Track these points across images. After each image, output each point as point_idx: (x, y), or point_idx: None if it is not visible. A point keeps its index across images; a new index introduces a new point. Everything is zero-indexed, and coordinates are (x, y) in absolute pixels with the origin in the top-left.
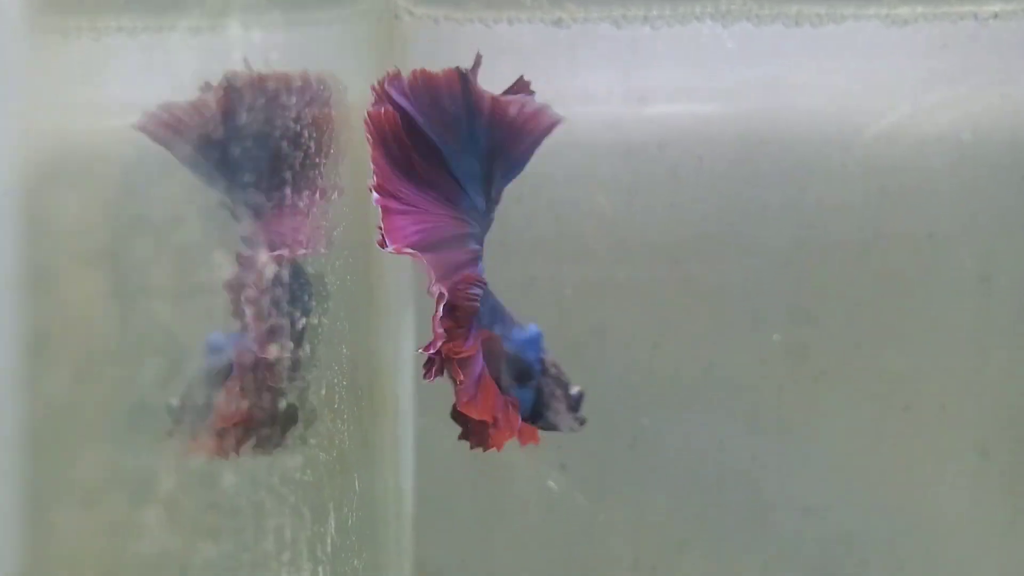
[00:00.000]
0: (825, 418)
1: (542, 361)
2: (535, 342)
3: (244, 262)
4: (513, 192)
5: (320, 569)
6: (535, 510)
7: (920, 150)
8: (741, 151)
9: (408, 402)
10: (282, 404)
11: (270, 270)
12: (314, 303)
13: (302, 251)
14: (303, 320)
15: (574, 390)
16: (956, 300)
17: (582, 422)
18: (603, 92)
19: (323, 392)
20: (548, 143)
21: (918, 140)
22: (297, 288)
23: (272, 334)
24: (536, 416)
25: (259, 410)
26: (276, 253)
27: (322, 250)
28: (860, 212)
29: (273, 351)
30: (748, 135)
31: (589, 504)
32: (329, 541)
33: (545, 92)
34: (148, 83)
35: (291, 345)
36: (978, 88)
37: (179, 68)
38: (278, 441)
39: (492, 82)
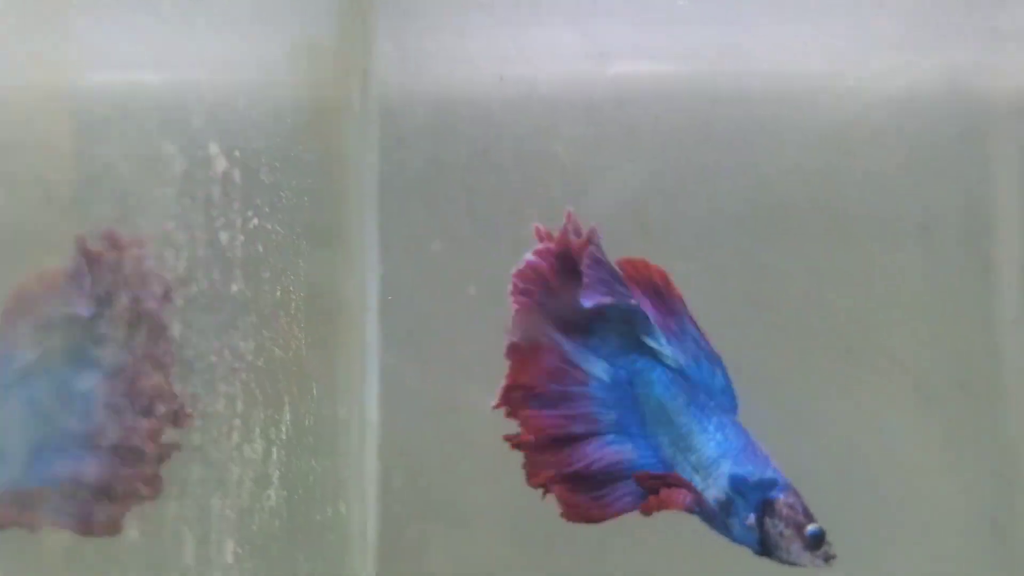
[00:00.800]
0: (773, 362)
1: (767, 503)
2: (760, 487)
3: None
4: (480, 144)
5: (274, 450)
6: (499, 444)
7: (867, 109)
8: (697, 110)
9: (374, 338)
10: None
11: None
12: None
13: None
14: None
15: (810, 529)
16: (899, 249)
17: (827, 558)
18: (565, 49)
19: (278, 294)
20: (514, 98)
21: (866, 100)
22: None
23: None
24: (766, 551)
25: None
26: None
27: None
28: (810, 169)
29: None
30: (704, 95)
31: None
32: (284, 430)
33: (508, 49)
34: None
35: None
36: (921, 49)
37: None
38: None
39: (460, 37)
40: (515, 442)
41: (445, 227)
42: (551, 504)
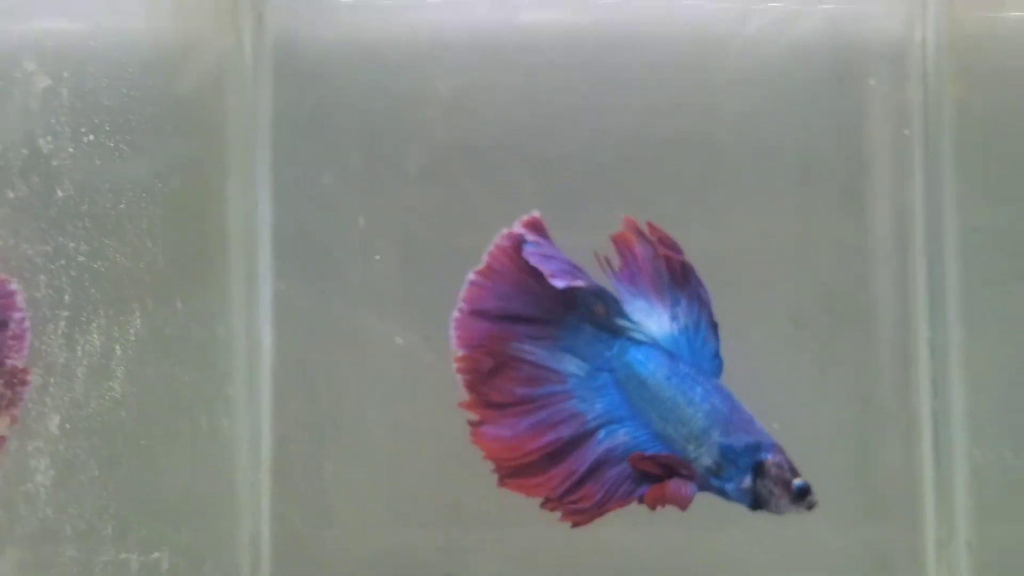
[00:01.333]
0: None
1: (757, 465)
2: (749, 451)
3: None
4: (372, 83)
5: (117, 348)
6: (392, 367)
7: (752, 56)
8: (590, 55)
9: (266, 266)
10: None
11: None
12: None
13: None
14: None
15: (796, 484)
16: (779, 188)
17: (810, 506)
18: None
19: (123, 206)
20: (407, 39)
21: (750, 47)
22: None
23: None
24: (758, 507)
25: None
26: None
27: None
28: (695, 111)
29: None
30: (598, 41)
31: (441, 360)
32: (132, 333)
33: None
34: None
35: None
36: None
37: None
38: None
39: None
40: (504, 471)
41: (336, 161)
42: (447, 424)
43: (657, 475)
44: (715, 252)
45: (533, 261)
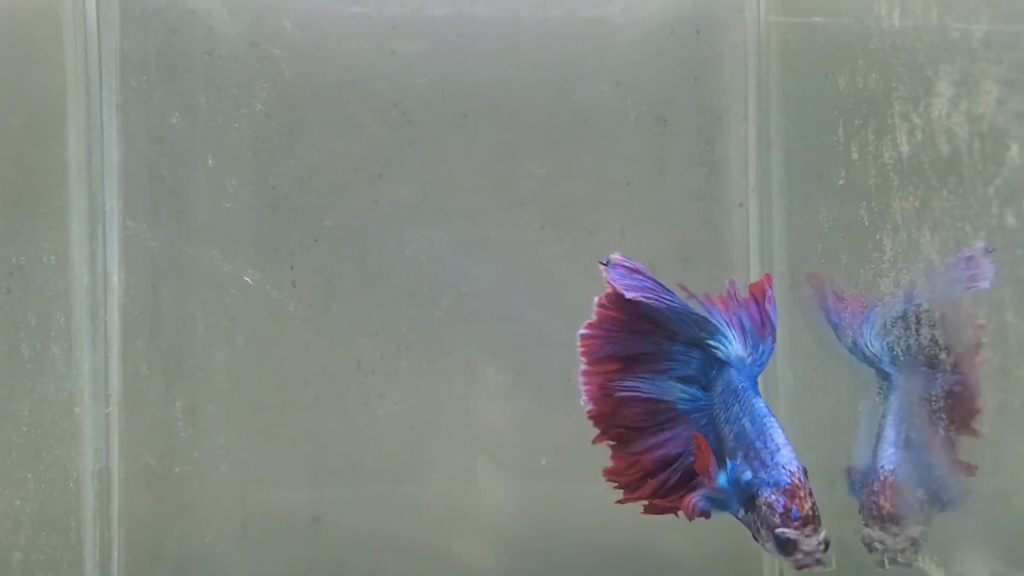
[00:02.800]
0: (524, 239)
1: (749, 500)
2: (746, 487)
3: None
4: (217, 25)
5: None
6: (240, 306)
7: (612, 13)
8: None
9: (114, 206)
10: None
11: None
12: None
13: None
14: None
15: (779, 531)
16: (637, 138)
17: (799, 566)
18: None
19: None
20: None
21: (611, 5)
22: None
23: None
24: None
25: None
26: None
27: None
28: (559, 65)
29: None
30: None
31: (310, 313)
32: None
33: None
34: None
35: None
36: None
37: None
38: None
39: None
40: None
41: (183, 101)
42: (293, 361)
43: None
44: (578, 202)
45: (616, 284)
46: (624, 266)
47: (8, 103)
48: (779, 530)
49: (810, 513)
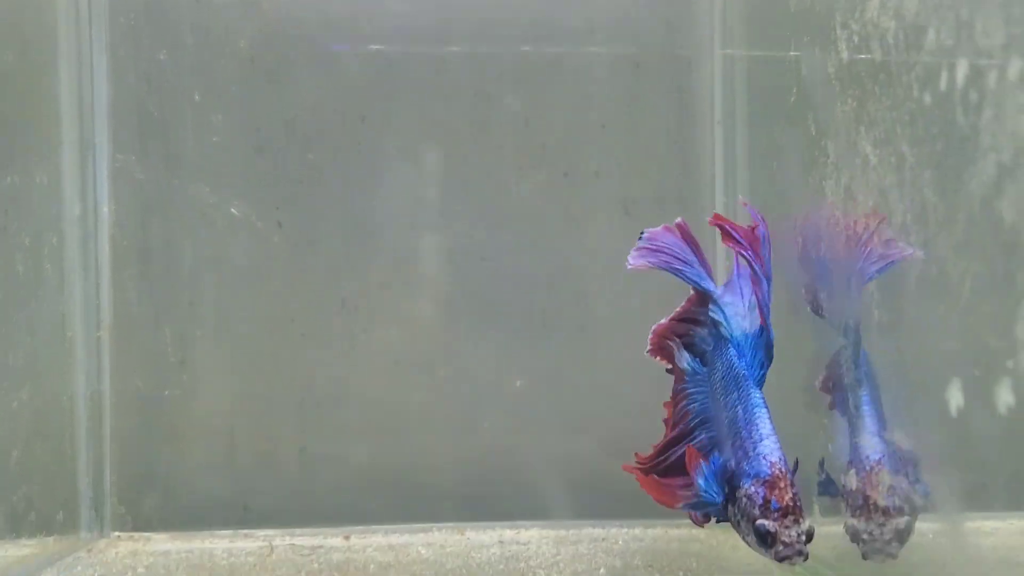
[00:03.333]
0: (501, 180)
1: (731, 491)
2: (729, 479)
3: None
4: None
5: None
6: (226, 236)
7: None
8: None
9: (103, 137)
10: None
11: None
12: None
13: None
14: None
15: (760, 522)
16: (610, 86)
17: (780, 558)
18: None
19: None
20: None
21: None
22: None
23: None
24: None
25: None
26: None
27: None
28: (538, 17)
29: None
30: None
31: (296, 253)
32: None
33: None
34: None
35: None
36: None
37: None
38: None
39: None
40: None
41: (171, 39)
42: (277, 291)
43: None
44: (553, 145)
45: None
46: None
47: (1, 40)
48: (759, 522)
49: (791, 504)
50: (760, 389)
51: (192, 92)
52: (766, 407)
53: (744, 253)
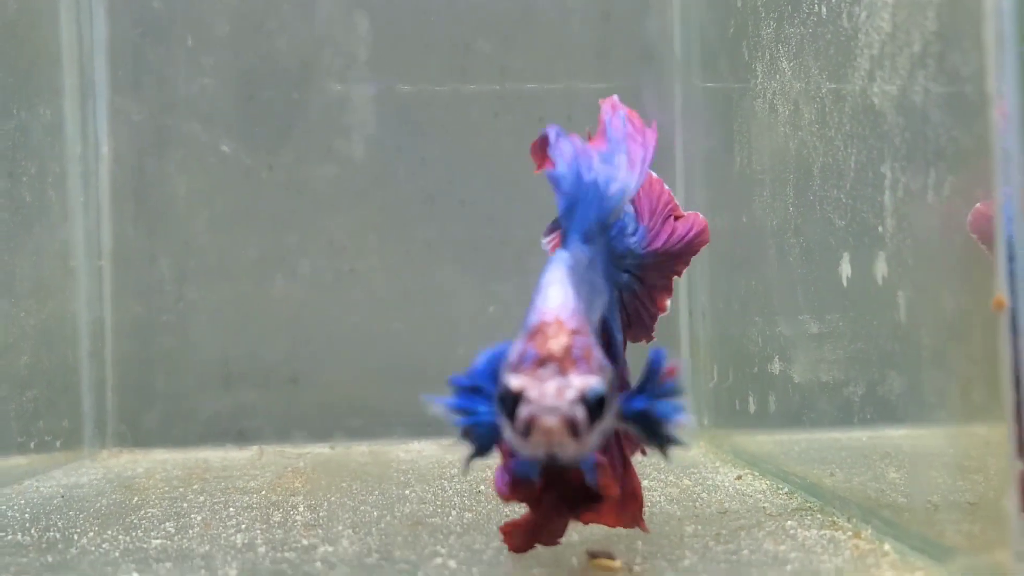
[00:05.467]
0: (475, 128)
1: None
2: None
3: None
4: None
5: None
6: (217, 172)
7: None
8: None
9: (103, 82)
10: None
11: None
12: None
13: None
14: None
15: (501, 387)
16: (583, 35)
17: (524, 431)
18: None
19: None
20: None
21: None
22: None
23: None
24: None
25: None
26: None
27: None
28: None
29: None
30: None
31: (286, 195)
32: None
33: None
34: None
35: None
36: None
37: None
38: None
39: None
40: None
41: None
42: (266, 224)
43: None
44: (528, 94)
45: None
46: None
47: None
48: (501, 382)
49: (555, 353)
50: (584, 243)
51: (185, 36)
52: (570, 264)
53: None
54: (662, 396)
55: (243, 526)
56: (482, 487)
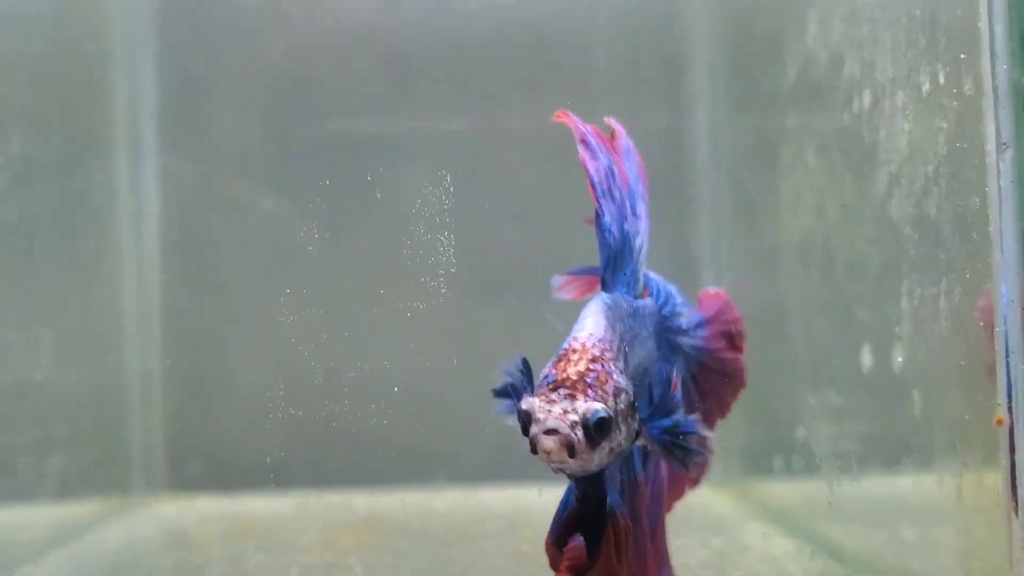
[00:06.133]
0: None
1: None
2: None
3: None
4: None
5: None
6: (261, 228)
7: None
8: None
9: (152, 138)
10: None
11: None
12: None
13: None
14: None
15: (520, 406)
16: (609, 83)
17: (532, 448)
18: None
19: None
20: None
21: None
22: None
23: None
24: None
25: None
26: None
27: None
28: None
29: None
30: None
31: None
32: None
33: None
34: None
35: None
36: None
37: None
38: None
39: None
40: None
41: (210, 51)
42: (306, 276)
43: None
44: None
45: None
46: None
47: (69, 57)
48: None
49: (570, 378)
50: (622, 289)
51: (230, 99)
52: (608, 304)
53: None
54: (674, 410)
55: None
56: (523, 546)
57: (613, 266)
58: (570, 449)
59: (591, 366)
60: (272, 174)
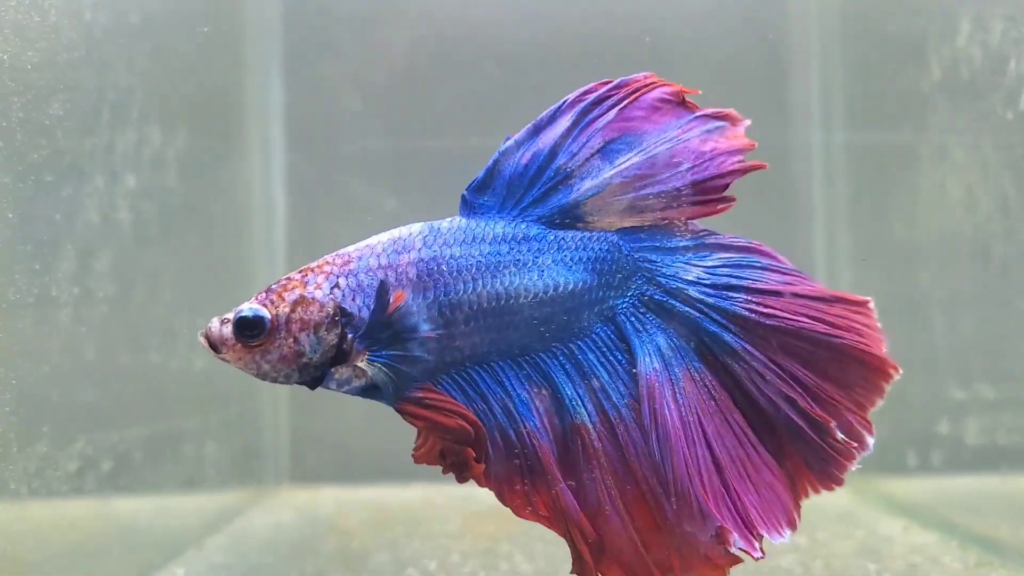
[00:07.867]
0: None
1: None
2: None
3: None
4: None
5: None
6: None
7: None
8: None
9: (278, 137)
10: None
11: None
12: None
13: None
14: None
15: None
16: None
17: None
18: None
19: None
20: None
21: None
22: None
23: None
24: None
25: None
26: None
27: None
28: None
29: None
30: None
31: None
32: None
33: None
34: None
35: None
36: None
37: None
38: None
39: None
40: None
41: (335, 54)
42: None
43: None
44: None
45: None
46: None
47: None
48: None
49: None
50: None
51: (352, 101)
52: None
53: None
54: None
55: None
56: None
57: (480, 187)
58: (212, 343)
59: (293, 275)
60: (394, 174)
